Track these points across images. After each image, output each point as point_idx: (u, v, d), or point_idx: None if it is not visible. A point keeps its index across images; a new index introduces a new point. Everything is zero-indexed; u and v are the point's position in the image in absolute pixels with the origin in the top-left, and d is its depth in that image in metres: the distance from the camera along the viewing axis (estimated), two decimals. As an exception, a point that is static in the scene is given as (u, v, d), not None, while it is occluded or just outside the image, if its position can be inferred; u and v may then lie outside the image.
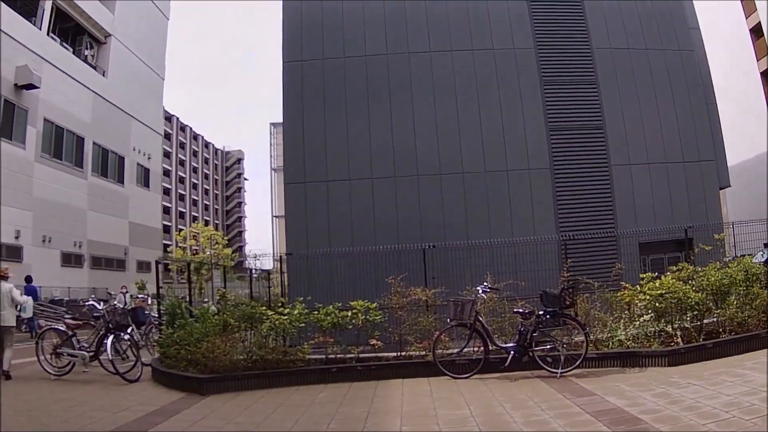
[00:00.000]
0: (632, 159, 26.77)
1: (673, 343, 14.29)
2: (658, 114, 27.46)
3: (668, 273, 15.85)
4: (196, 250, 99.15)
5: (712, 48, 36.00)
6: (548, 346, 13.74)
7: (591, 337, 14.40)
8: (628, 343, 14.59)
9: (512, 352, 13.80)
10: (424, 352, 15.27)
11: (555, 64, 27.39)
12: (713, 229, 21.91)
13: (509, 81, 26.93)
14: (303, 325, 15.58)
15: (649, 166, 26.85)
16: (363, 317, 15.47)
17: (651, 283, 15.21)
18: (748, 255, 19.89)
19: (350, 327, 15.58)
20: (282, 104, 26.79)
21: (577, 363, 13.42)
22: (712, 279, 15.11)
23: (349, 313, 15.57)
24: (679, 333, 14.46)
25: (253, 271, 27.31)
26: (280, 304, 17.27)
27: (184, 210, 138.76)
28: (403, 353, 15.59)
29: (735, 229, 22.90)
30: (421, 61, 27.02)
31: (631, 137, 26.98)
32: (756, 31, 56.81)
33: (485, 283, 15.22)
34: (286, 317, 15.37)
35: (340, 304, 15.97)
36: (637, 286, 15.71)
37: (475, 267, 19.25)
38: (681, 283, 15.15)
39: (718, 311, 15.16)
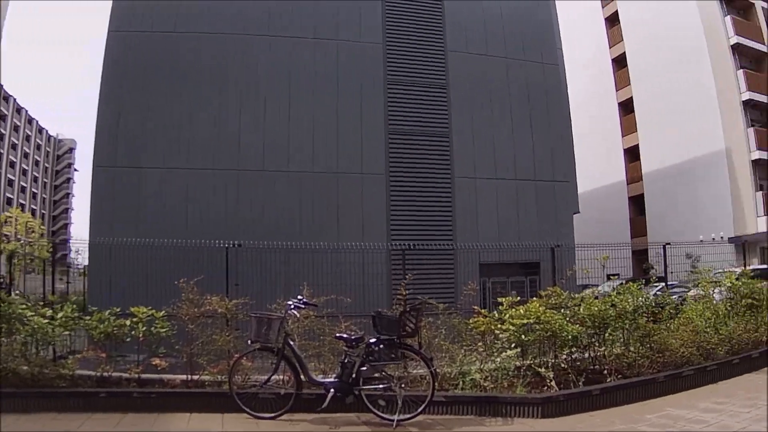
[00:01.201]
0: (479, 172, 25.33)
1: (545, 387, 10.99)
2: (512, 128, 26.30)
3: (534, 298, 12.72)
4: (20, 237, 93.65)
5: (571, 73, 34.43)
6: (381, 385, 10.05)
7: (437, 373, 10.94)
8: (485, 384, 11.05)
9: (332, 390, 10.04)
10: (221, 378, 11.37)
11: (404, 63, 25.80)
12: (566, 252, 20.50)
13: (351, 76, 24.95)
14: (69, 332, 11.91)
15: (497, 181, 25.47)
16: (144, 328, 11.62)
17: (514, 309, 11.94)
18: (593, 285, 18.40)
19: (128, 339, 11.68)
20: (100, 79, 23.30)
21: (420, 409, 9.85)
22: (595, 309, 11.99)
23: (128, 322, 11.67)
24: (552, 374, 11.13)
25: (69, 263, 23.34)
26: (41, 304, 13.46)
27: (12, 196, 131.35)
28: (195, 378, 11.67)
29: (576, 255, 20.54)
30: (259, 45, 24.54)
31: (479, 149, 25.55)
32: (619, 62, 57.19)
33: (299, 296, 11.34)
34: (47, 321, 11.42)
35: (118, 310, 12.07)
36: (495, 312, 12.34)
37: (292, 275, 16.23)
38: (552, 311, 11.96)
39: (603, 348, 12.14)
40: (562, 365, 11.44)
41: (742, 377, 12.43)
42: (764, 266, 29.04)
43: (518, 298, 12.32)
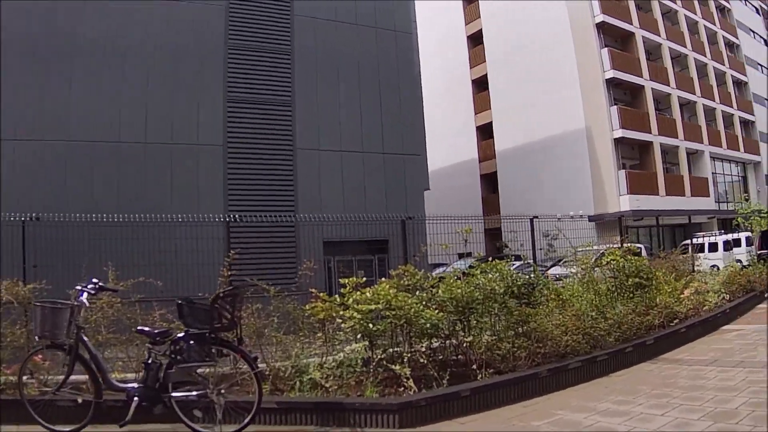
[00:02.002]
0: (323, 144, 24.21)
1: (402, 388, 8.93)
2: (359, 98, 25.24)
3: (383, 279, 10.54)
4: None
5: (425, 48, 33.66)
6: (195, 392, 7.81)
7: (268, 371, 9.00)
8: (327, 384, 9.01)
9: (136, 398, 7.76)
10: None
11: (247, 26, 24.15)
12: (419, 227, 19.47)
13: (191, 41, 23.02)
14: None
15: (342, 153, 24.51)
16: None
17: (359, 292, 9.80)
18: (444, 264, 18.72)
19: None
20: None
21: (247, 420, 7.67)
22: (457, 291, 10.00)
23: None
24: (408, 371, 9.04)
25: None
26: None
27: None
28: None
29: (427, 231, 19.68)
30: (90, 6, 21.94)
31: (324, 119, 24.54)
32: (475, 39, 56.42)
33: (94, 280, 9.02)
34: None
35: None
36: (337, 296, 10.19)
37: (110, 254, 13.16)
38: (405, 294, 9.91)
39: (469, 338, 10.14)
40: (421, 359, 9.42)
41: (638, 367, 10.98)
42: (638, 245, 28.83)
43: (363, 279, 10.27)
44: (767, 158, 64.09)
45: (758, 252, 29.66)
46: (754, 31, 70.75)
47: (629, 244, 17.72)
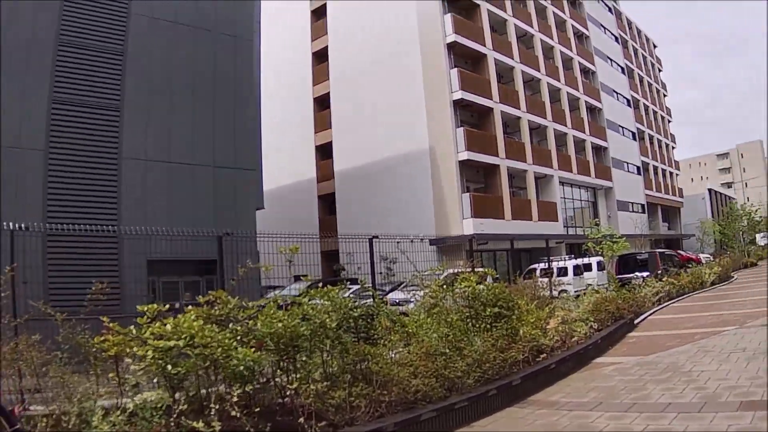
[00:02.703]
0: (150, 153, 23.15)
1: None
2: (192, 105, 24.18)
3: (190, 307, 8.62)
4: None
5: (267, 61, 33.28)
6: None
7: (45, 421, 7.38)
8: None
9: None
10: None
11: (81, 21, 22.36)
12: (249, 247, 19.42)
13: (16, 35, 20.84)
14: None
15: (170, 165, 23.53)
16: None
17: (158, 324, 8.03)
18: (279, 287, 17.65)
19: None
20: None
21: None
22: (279, 324, 8.41)
23: None
24: (219, 427, 7.31)
25: None
26: None
27: None
28: None
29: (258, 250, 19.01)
30: None
31: (153, 127, 23.46)
32: (319, 56, 56.28)
33: None
34: None
35: None
36: (132, 327, 8.25)
37: None
38: (214, 327, 8.21)
39: (295, 384, 8.37)
40: (233, 412, 7.63)
41: (506, 413, 9.81)
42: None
43: (166, 307, 8.44)
44: (625, 184, 67.40)
45: (618, 276, 30.11)
46: (611, 59, 73.15)
47: (485, 269, 16.85)
